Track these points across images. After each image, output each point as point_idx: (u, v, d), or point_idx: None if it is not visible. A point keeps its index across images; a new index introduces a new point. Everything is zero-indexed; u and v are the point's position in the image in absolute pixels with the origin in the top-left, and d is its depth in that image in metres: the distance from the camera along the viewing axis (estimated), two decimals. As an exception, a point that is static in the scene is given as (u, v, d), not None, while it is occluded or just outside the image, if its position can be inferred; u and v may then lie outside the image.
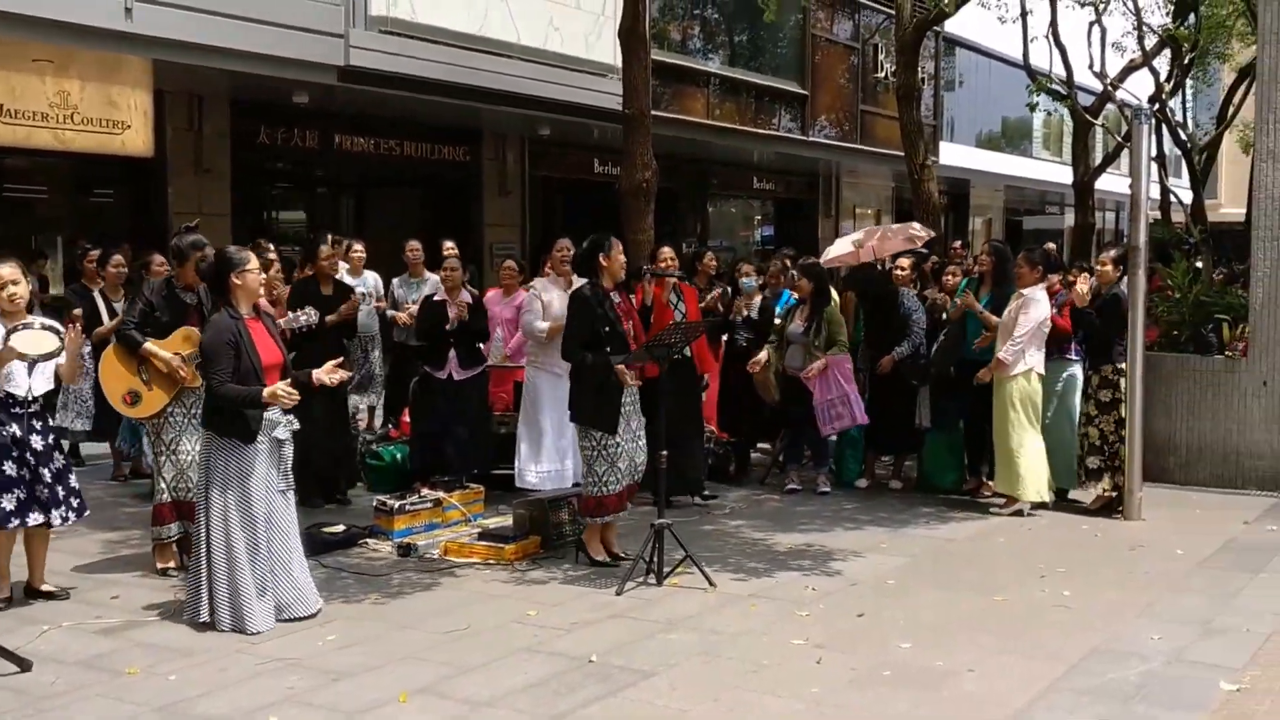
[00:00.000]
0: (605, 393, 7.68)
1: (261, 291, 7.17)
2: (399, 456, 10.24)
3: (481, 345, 10.05)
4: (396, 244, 12.56)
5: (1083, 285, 9.45)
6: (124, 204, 15.30)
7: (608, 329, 7.72)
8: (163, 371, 7.46)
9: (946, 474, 10.24)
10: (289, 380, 6.60)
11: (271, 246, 10.02)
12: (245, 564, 6.47)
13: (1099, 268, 9.76)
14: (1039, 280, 9.45)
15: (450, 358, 9.76)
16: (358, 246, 12.03)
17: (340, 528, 8.37)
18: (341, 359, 7.17)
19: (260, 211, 16.74)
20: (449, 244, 11.81)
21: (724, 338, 11.17)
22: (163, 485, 7.49)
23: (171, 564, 7.55)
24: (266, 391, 6.46)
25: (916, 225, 12.40)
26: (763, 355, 10.17)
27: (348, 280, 10.78)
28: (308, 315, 8.36)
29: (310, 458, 8.64)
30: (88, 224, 14.65)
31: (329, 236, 10.36)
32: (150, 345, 7.46)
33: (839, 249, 12.23)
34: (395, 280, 12.12)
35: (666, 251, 10.24)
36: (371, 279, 11.98)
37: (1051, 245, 17.09)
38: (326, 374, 6.80)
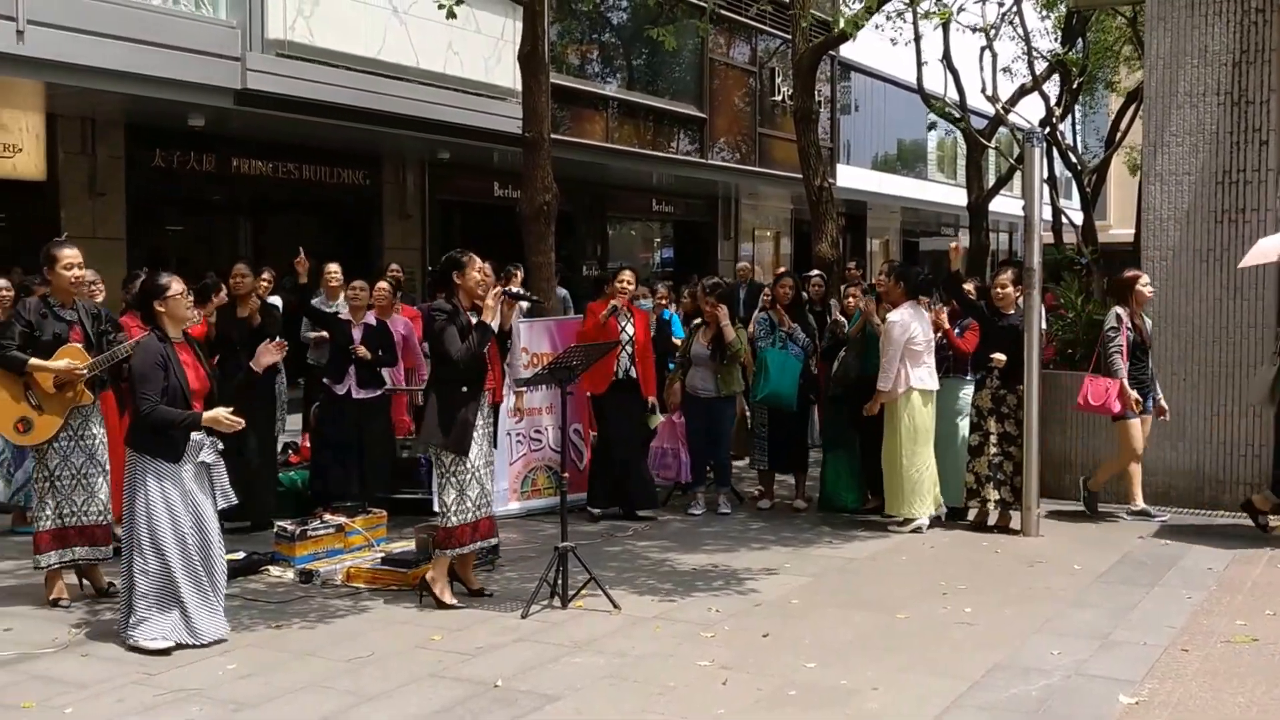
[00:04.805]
0: (458, 412, 7.27)
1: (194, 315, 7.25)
2: (299, 482, 10.10)
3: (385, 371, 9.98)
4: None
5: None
6: (14, 228, 14.94)
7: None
8: (50, 393, 7.22)
9: (847, 493, 10.25)
10: (230, 410, 6.67)
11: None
12: (169, 581, 6.48)
13: (998, 291, 9.71)
14: (904, 297, 9.52)
15: (350, 373, 9.70)
16: (332, 267, 11.72)
17: (240, 554, 8.20)
18: (284, 345, 7.42)
19: (156, 235, 16.44)
20: (395, 266, 11.69)
21: None
22: (46, 513, 7.27)
23: (64, 595, 7.35)
24: (207, 415, 6.56)
25: None
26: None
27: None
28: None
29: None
30: (-23, 248, 14.30)
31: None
32: (37, 361, 7.18)
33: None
34: (314, 301, 11.91)
35: (627, 275, 10.17)
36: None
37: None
38: (268, 355, 7.17)
